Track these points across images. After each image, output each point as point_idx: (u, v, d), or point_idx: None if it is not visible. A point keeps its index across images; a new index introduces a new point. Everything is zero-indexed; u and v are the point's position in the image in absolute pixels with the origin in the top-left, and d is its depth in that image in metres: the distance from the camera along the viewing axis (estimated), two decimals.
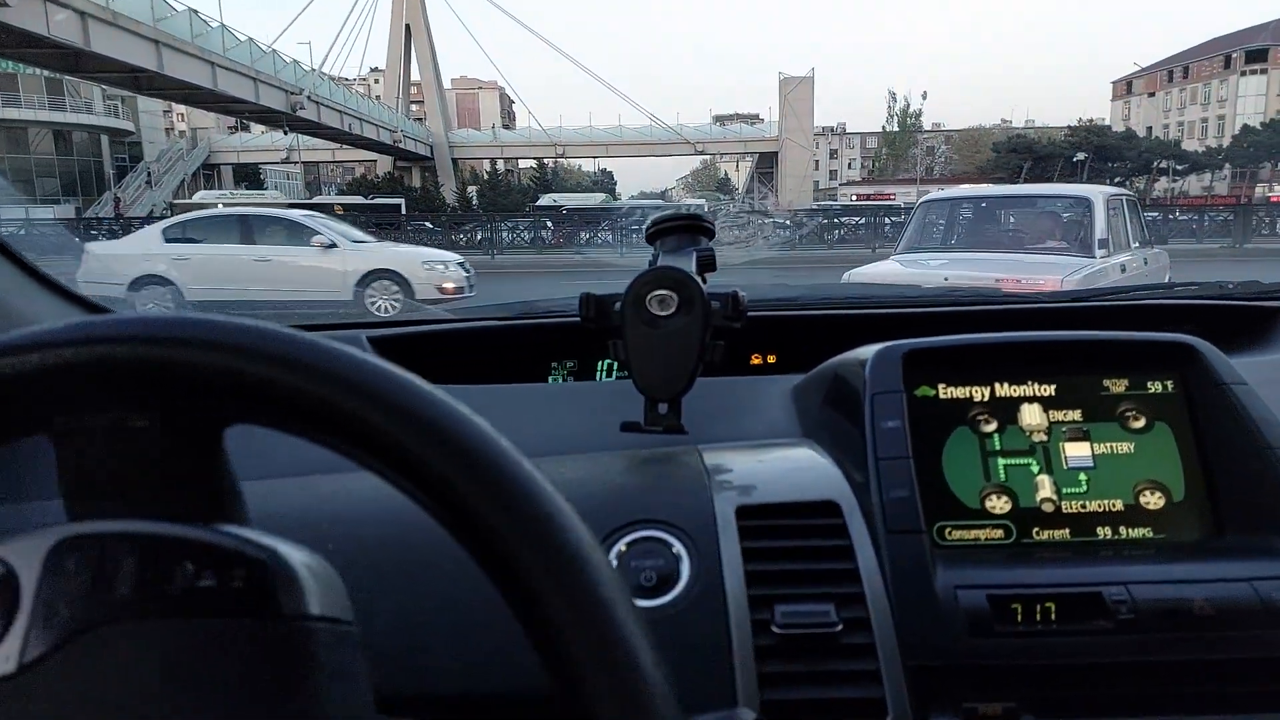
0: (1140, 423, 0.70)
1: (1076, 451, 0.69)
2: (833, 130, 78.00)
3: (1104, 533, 0.67)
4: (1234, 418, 0.67)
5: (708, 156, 75.03)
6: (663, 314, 0.76)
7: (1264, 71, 63.80)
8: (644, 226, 0.88)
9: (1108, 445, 0.69)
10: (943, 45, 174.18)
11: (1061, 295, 1.24)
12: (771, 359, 1.18)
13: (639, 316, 0.76)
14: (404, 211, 27.40)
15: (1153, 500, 0.67)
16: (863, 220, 19.79)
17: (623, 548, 0.63)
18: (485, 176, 52.72)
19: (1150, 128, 66.84)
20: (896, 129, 66.71)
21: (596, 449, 0.81)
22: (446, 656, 0.52)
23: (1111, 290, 1.24)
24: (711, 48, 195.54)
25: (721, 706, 0.32)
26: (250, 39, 30.01)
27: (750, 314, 0.78)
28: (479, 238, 20.40)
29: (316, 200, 30.56)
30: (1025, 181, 54.04)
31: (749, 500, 0.66)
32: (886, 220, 18.83)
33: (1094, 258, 4.91)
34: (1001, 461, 0.69)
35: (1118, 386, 0.71)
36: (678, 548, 0.63)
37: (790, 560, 0.62)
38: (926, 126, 71.10)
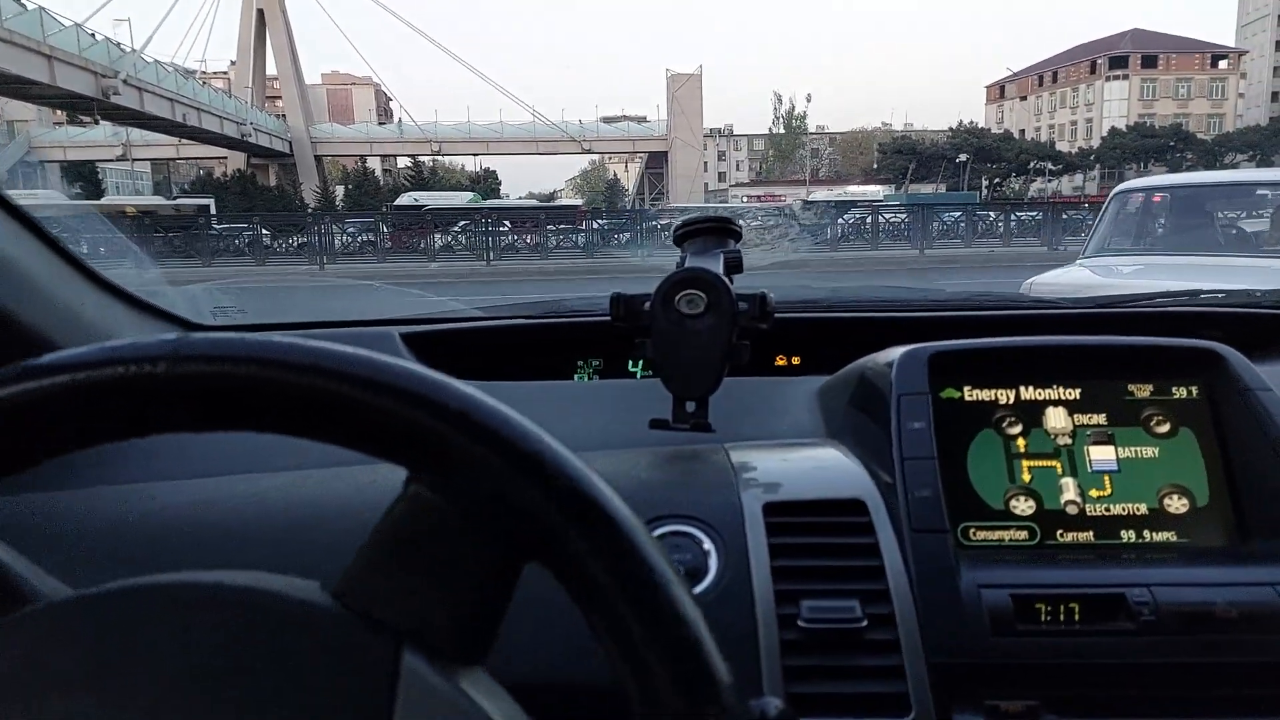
0: (1165, 427, 0.70)
1: (1101, 455, 0.70)
2: (720, 132, 75.55)
3: (1128, 536, 0.67)
4: (1259, 424, 0.67)
5: (596, 156, 71.03)
6: (691, 314, 0.77)
7: (1126, 77, 64.69)
8: (673, 229, 0.90)
9: (1132, 449, 0.70)
10: (824, 48, 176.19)
11: (1083, 300, 1.25)
12: (796, 360, 1.20)
13: (667, 316, 0.77)
14: (214, 212, 22.17)
15: (1177, 505, 0.68)
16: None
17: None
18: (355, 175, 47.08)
19: (1023, 130, 66.87)
20: (782, 131, 64.38)
21: (624, 446, 0.82)
22: (506, 645, 0.49)
23: (1135, 296, 1.28)
24: (595, 45, 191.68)
25: (748, 699, 0.32)
26: (41, 8, 24.09)
27: (776, 315, 0.79)
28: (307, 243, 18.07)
29: (105, 201, 24.87)
30: (911, 181, 52.04)
31: (776, 497, 0.67)
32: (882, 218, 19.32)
33: None
34: (1026, 464, 0.70)
35: (1143, 391, 0.71)
36: (706, 543, 0.64)
37: (816, 557, 0.63)
38: (811, 129, 69.52)
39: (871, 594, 0.60)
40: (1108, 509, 0.68)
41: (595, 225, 20.77)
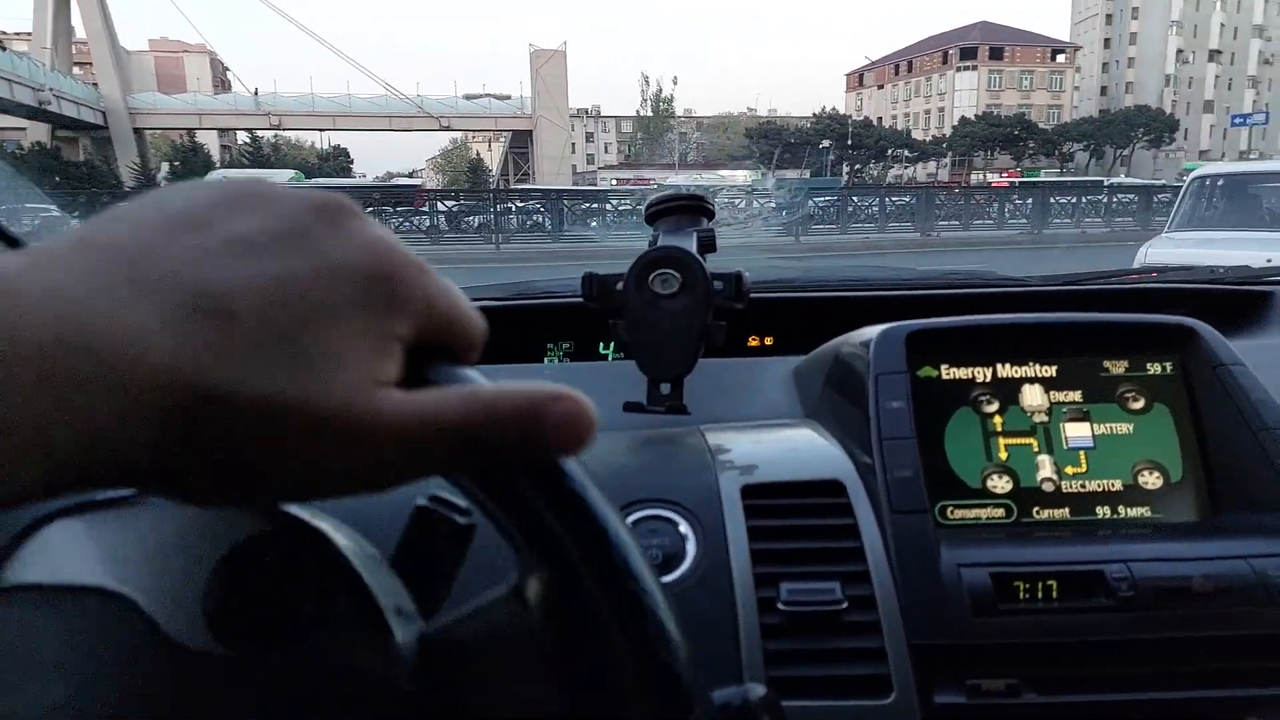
0: (1140, 404, 0.71)
1: (1077, 432, 0.70)
2: (588, 113, 73.42)
3: (1103, 512, 0.68)
4: (1231, 399, 0.68)
5: (458, 135, 67.42)
6: (665, 294, 0.76)
7: (975, 68, 67.05)
8: (643, 207, 0.89)
9: (1107, 426, 0.70)
10: (688, 31, 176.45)
11: (1055, 278, 1.28)
12: (769, 341, 1.21)
13: (641, 296, 0.77)
14: None
15: (1151, 480, 0.69)
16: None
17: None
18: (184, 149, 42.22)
19: (881, 118, 68.24)
20: (650, 114, 63.07)
21: (598, 429, 0.78)
22: None
23: (1106, 274, 1.33)
24: (454, 16, 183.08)
25: (728, 683, 0.32)
26: None
27: (750, 295, 0.79)
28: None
29: None
30: (778, 166, 51.65)
31: (753, 479, 0.67)
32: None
33: None
34: (1003, 441, 0.70)
35: (1117, 368, 0.72)
36: (684, 526, 0.63)
37: (795, 539, 0.63)
38: (679, 112, 68.60)
39: (851, 575, 0.60)
40: (1083, 485, 0.69)
41: (443, 207, 18.30)
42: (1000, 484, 0.69)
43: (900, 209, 18.58)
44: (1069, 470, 0.69)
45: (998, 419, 0.71)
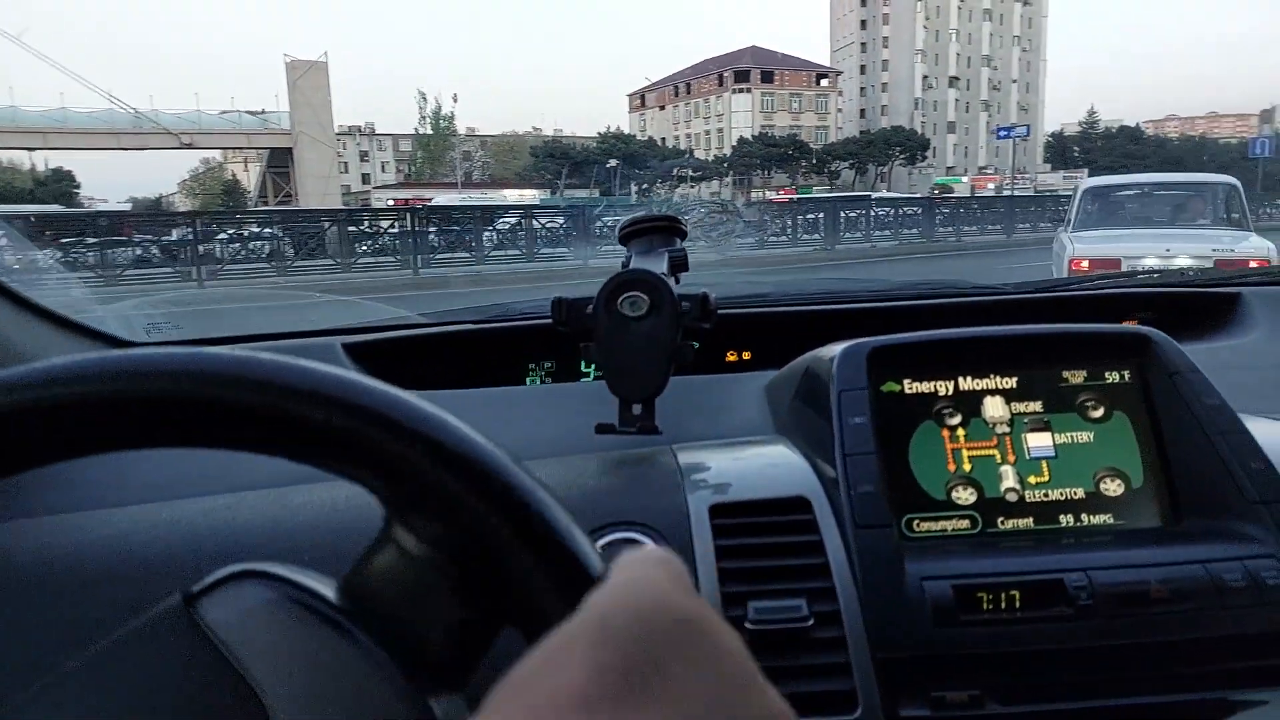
0: (1099, 412, 0.72)
1: (1038, 442, 0.72)
2: (361, 130, 68.42)
3: (1066, 520, 0.70)
4: (1188, 406, 0.70)
5: (211, 154, 60.41)
6: (634, 315, 0.78)
7: (748, 90, 69.36)
8: (617, 228, 0.92)
9: (1068, 435, 0.72)
10: (467, 46, 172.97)
11: (1025, 286, 1.36)
12: (746, 356, 1.24)
13: (610, 318, 0.78)
14: None
15: (1112, 488, 0.70)
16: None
17: (599, 549, 0.65)
18: None
19: (664, 138, 68.90)
20: (430, 131, 59.62)
21: (573, 451, 0.83)
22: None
23: (1071, 280, 1.38)
24: (193, 21, 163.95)
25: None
26: None
27: (723, 311, 0.81)
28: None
29: None
30: (566, 186, 50.20)
31: (722, 498, 0.68)
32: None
33: (1250, 233, 6.38)
34: (966, 453, 0.71)
35: (1076, 377, 0.74)
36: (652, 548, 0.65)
37: (762, 557, 0.64)
38: (461, 130, 65.54)
39: (817, 592, 0.61)
40: (1046, 494, 0.70)
41: (166, 239, 14.94)
42: (965, 495, 0.70)
43: (692, 227, 17.64)
44: (1032, 480, 0.71)
45: (961, 431, 0.72)
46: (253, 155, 59.66)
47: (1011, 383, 0.73)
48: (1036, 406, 0.73)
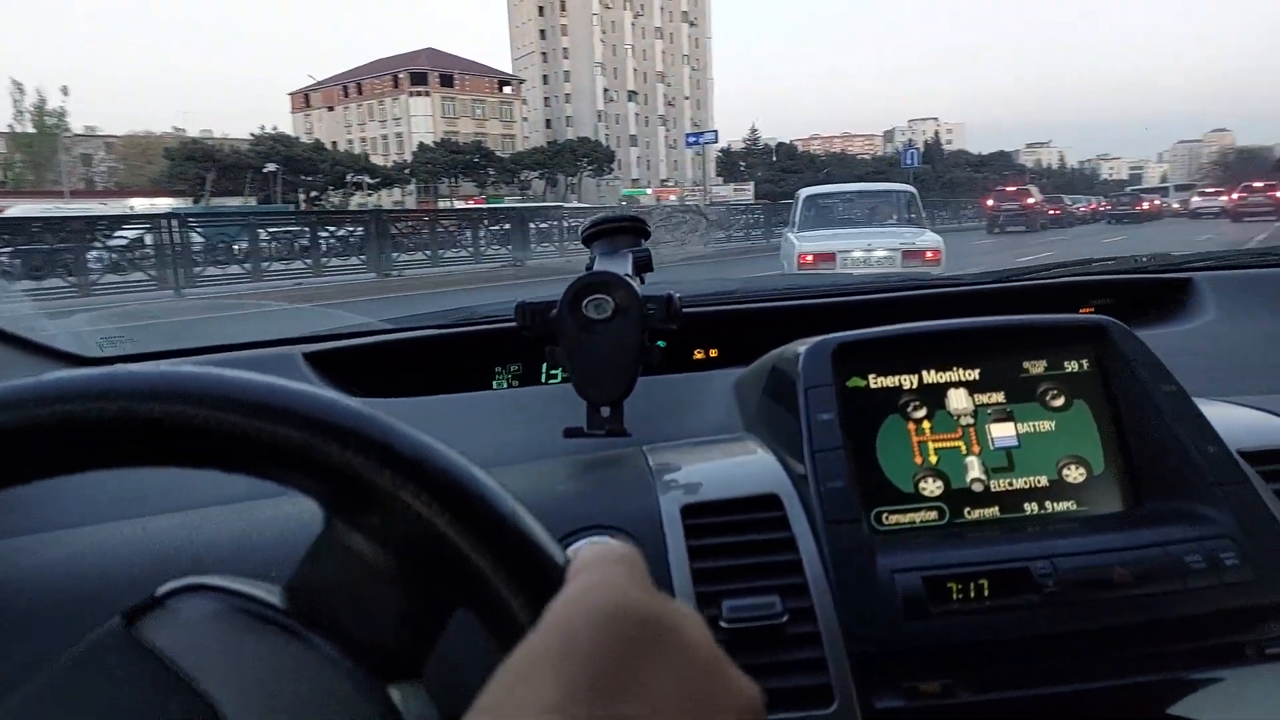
0: (1060, 401, 0.74)
1: (1002, 432, 0.73)
2: None
3: (1031, 508, 0.71)
4: (1145, 392, 0.72)
5: None
6: (599, 318, 0.78)
7: (427, 94, 65.09)
8: (580, 229, 0.93)
9: (1031, 424, 0.74)
10: (86, 33, 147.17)
11: (985, 276, 1.40)
12: (714, 353, 1.25)
13: (575, 322, 0.78)
14: None
15: (1075, 475, 0.72)
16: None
17: (570, 554, 0.67)
18: None
19: (335, 142, 62.30)
20: (32, 130, 48.08)
21: (541, 456, 0.84)
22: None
23: (1033, 269, 1.41)
24: None
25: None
26: None
27: (689, 309, 0.82)
28: None
29: None
30: (213, 193, 43.23)
31: (693, 499, 0.69)
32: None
33: (925, 229, 8.13)
34: (932, 445, 0.73)
35: (1037, 367, 0.75)
36: None
37: (735, 555, 0.65)
38: (78, 129, 53.90)
39: (790, 588, 0.62)
40: (1011, 484, 0.72)
41: None
42: (932, 487, 0.71)
43: (348, 243, 14.79)
44: (996, 470, 0.72)
45: (926, 424, 0.74)
46: None
47: (974, 374, 0.74)
48: (999, 397, 0.74)
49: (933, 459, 0.72)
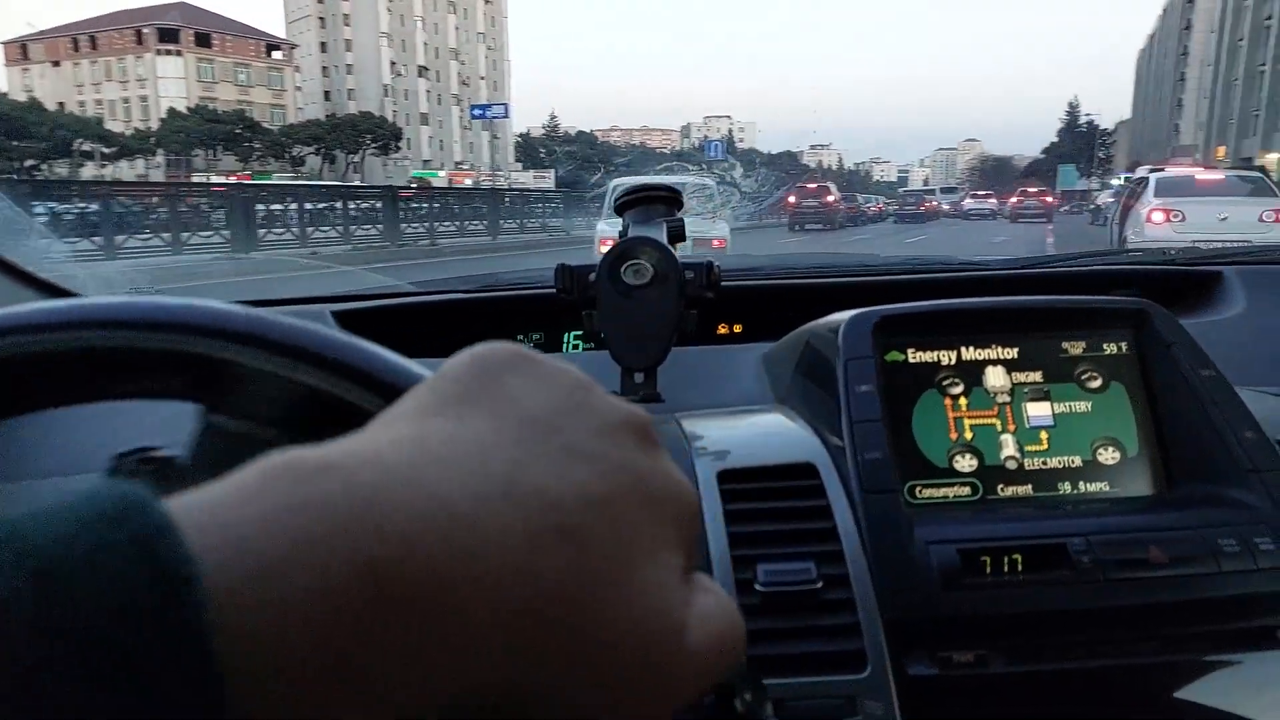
0: (1097, 382, 0.75)
1: (1038, 411, 0.74)
2: None
3: (1064, 488, 0.72)
4: (1183, 376, 0.73)
5: None
6: (637, 284, 0.79)
7: (180, 54, 57.11)
8: (614, 197, 0.93)
9: (1067, 405, 0.74)
10: None
11: (1015, 261, 1.42)
12: (738, 329, 1.27)
13: (614, 287, 0.79)
14: None
15: (1109, 456, 0.73)
16: None
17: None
18: None
19: (63, 103, 52.98)
20: None
21: None
22: None
23: (1064, 256, 1.42)
24: None
25: None
26: None
27: (721, 284, 0.84)
28: None
29: None
30: None
31: (729, 464, 0.70)
32: None
33: (723, 221, 9.28)
34: (968, 422, 0.74)
35: (1076, 348, 0.76)
36: None
37: (771, 521, 0.66)
38: None
39: (826, 555, 0.63)
40: (1045, 463, 0.72)
41: None
42: (966, 463, 0.72)
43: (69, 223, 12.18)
44: (1031, 448, 0.73)
45: (963, 400, 0.74)
46: None
47: (1013, 353, 0.75)
48: (1036, 377, 0.74)
49: (968, 435, 0.73)
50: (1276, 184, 10.60)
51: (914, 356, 0.75)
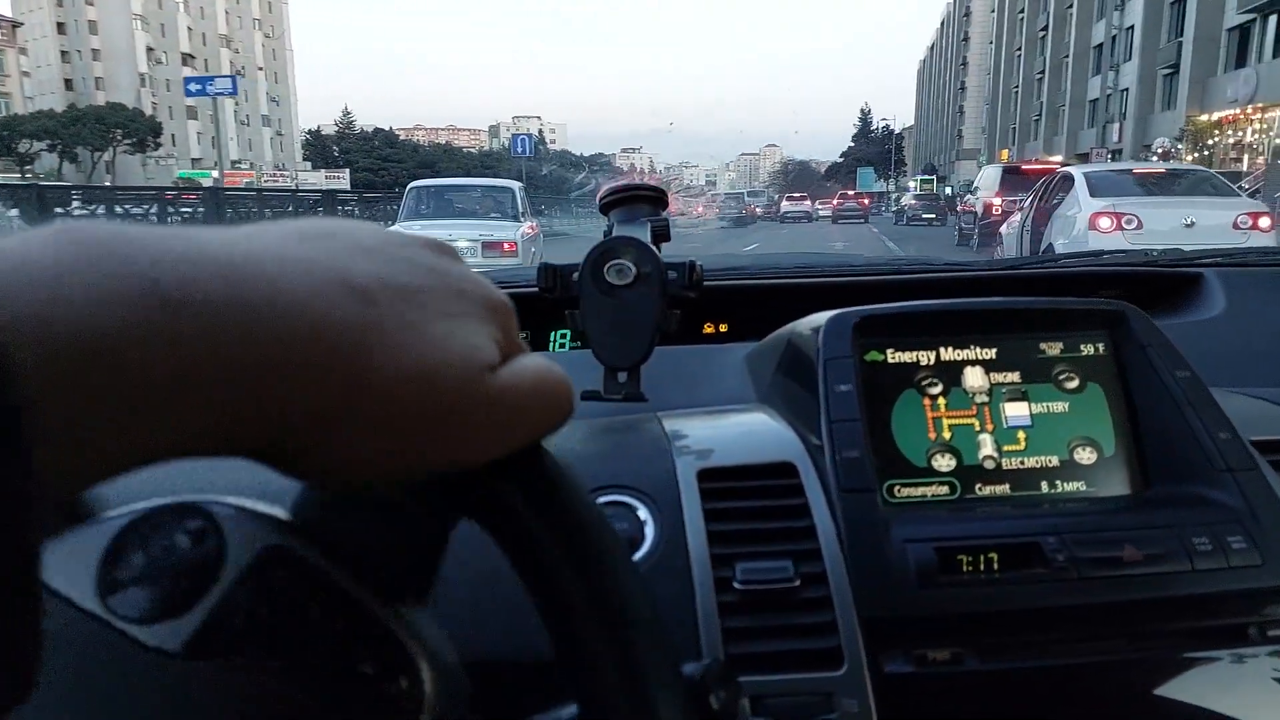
0: (1074, 383, 0.75)
1: (1016, 411, 0.74)
2: None
3: (1042, 487, 0.73)
4: (1159, 377, 0.73)
5: None
6: (620, 284, 0.79)
7: None
8: (598, 197, 0.95)
9: (1044, 405, 0.75)
10: None
11: (997, 263, 1.39)
12: (723, 328, 1.29)
13: (597, 286, 0.80)
14: None
15: (1086, 456, 0.73)
16: None
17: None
18: None
19: None
20: None
21: None
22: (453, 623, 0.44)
23: (1045, 259, 1.37)
24: None
25: (688, 662, 0.34)
26: None
27: (704, 283, 0.85)
28: None
29: None
30: None
31: (709, 463, 0.71)
32: None
33: (520, 222, 9.68)
34: (946, 422, 0.74)
35: (1053, 349, 0.76)
36: (642, 511, 0.67)
37: (750, 520, 0.67)
38: None
39: (803, 554, 0.64)
40: (1022, 462, 0.73)
41: None
42: (944, 462, 0.73)
43: None
44: (1009, 448, 0.73)
45: (941, 400, 0.75)
46: None
47: (991, 354, 0.75)
48: (1015, 377, 0.75)
49: (946, 435, 0.73)
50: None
51: (893, 356, 0.75)
